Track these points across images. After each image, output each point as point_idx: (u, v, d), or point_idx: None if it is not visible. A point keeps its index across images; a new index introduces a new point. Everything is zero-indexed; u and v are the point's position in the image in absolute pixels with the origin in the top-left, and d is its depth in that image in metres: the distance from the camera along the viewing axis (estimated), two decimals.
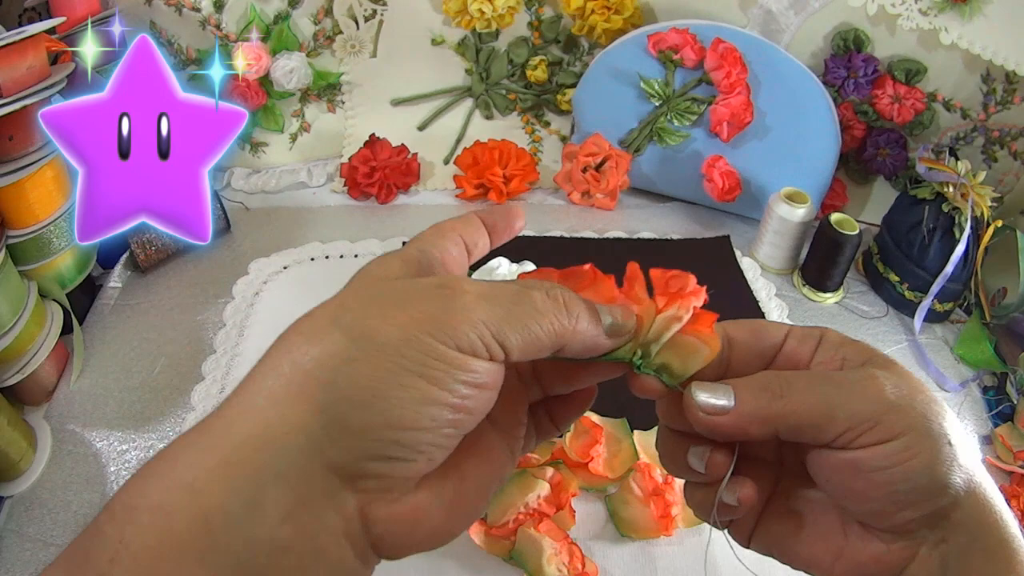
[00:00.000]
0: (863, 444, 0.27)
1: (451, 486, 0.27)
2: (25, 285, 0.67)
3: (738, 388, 0.29)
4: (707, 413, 0.29)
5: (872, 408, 0.27)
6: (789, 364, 0.31)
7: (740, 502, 0.30)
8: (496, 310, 0.25)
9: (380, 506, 0.24)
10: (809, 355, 0.31)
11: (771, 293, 0.85)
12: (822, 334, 0.31)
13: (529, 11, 0.99)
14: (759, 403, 0.28)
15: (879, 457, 0.27)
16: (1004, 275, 0.84)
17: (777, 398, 0.28)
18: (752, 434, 0.29)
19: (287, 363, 0.24)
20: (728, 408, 0.28)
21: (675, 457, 0.32)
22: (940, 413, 0.28)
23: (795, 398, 0.28)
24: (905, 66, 0.89)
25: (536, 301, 0.26)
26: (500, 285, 0.26)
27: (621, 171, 0.95)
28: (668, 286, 0.29)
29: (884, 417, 0.27)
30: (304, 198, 0.98)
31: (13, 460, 0.60)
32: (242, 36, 0.93)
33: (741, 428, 0.29)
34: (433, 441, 0.24)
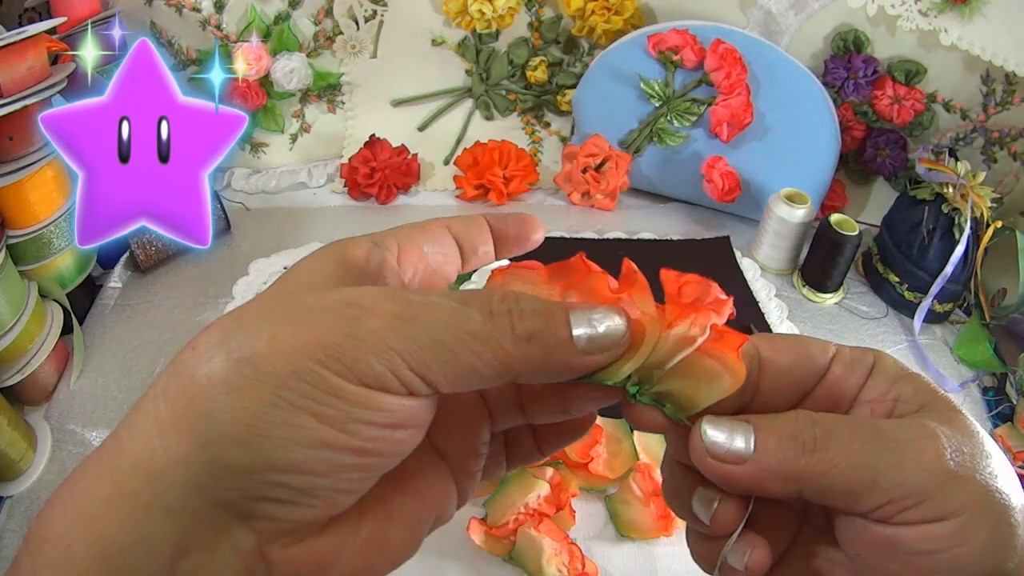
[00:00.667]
0: (907, 521, 0.22)
1: (370, 527, 0.23)
2: (25, 285, 0.67)
3: (761, 431, 0.23)
4: (717, 459, 0.23)
5: (924, 478, 0.22)
6: (831, 398, 0.25)
7: (749, 569, 0.24)
8: (417, 335, 0.20)
9: (277, 548, 0.21)
10: (857, 387, 0.25)
11: (771, 294, 0.85)
12: (875, 361, 0.26)
13: (529, 12, 0.99)
14: (785, 456, 0.23)
15: (925, 539, 0.22)
16: (1004, 276, 0.84)
17: (808, 452, 0.23)
18: (771, 491, 0.23)
19: (175, 384, 0.21)
20: (745, 456, 0.23)
21: (679, 495, 0.26)
22: (1005, 484, 0.22)
23: (831, 455, 0.22)
24: (905, 67, 0.89)
25: (472, 323, 0.21)
26: (432, 302, 0.21)
27: (621, 172, 0.95)
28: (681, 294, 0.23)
29: (937, 490, 0.22)
30: (304, 199, 0.98)
31: (13, 460, 0.60)
32: (242, 37, 0.93)
33: (758, 482, 0.23)
34: (333, 486, 0.21)
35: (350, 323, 0.20)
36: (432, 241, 0.26)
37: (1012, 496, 0.22)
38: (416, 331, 0.21)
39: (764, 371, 0.25)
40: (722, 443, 0.23)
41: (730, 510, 0.24)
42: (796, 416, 0.24)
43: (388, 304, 0.21)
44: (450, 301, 0.22)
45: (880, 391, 0.25)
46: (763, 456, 0.23)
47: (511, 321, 0.22)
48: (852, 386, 0.25)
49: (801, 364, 0.26)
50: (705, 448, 0.23)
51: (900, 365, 0.26)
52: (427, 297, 0.22)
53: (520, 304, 0.22)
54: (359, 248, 0.24)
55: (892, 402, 0.25)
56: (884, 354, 0.26)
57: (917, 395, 0.25)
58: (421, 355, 0.21)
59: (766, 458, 0.23)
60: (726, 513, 0.24)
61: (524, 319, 0.22)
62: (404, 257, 0.25)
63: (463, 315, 0.21)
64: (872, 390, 0.25)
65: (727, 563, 0.25)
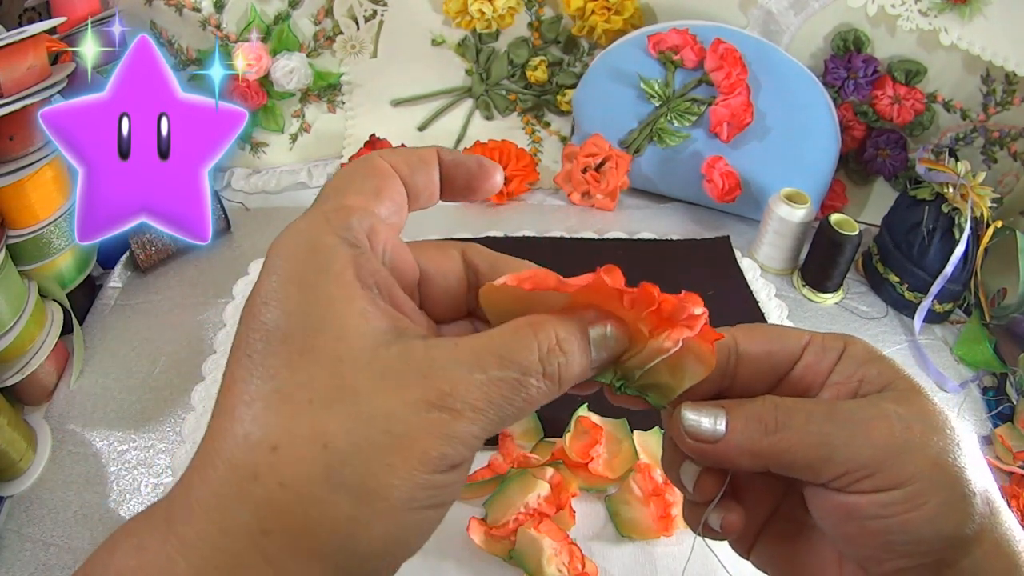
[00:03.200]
0: (860, 490, 0.25)
1: None
2: (25, 285, 0.67)
3: (732, 414, 0.26)
4: (694, 439, 0.26)
5: (874, 453, 0.25)
6: (803, 382, 0.28)
7: (723, 529, 0.28)
8: (491, 418, 0.22)
9: None
10: (827, 371, 0.28)
11: (771, 294, 0.85)
12: (845, 346, 0.28)
13: (529, 12, 0.99)
14: (751, 436, 0.26)
15: (875, 506, 0.25)
16: (1004, 276, 0.84)
17: (771, 432, 0.26)
18: (742, 466, 0.27)
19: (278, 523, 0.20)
20: (717, 436, 0.26)
21: (672, 467, 0.30)
22: (959, 457, 0.25)
23: (790, 435, 0.25)
24: (905, 67, 0.89)
25: (531, 392, 0.22)
26: (496, 382, 0.22)
27: (621, 172, 0.95)
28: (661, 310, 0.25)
29: (886, 464, 0.24)
30: (304, 198, 0.98)
31: (13, 460, 0.60)
32: (242, 36, 0.93)
33: (729, 459, 0.27)
34: None
35: (444, 435, 0.21)
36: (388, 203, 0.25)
37: (966, 468, 0.25)
38: (492, 413, 0.22)
39: (741, 360, 0.28)
40: (698, 425, 0.26)
41: (710, 481, 0.28)
42: (763, 401, 0.27)
43: (468, 393, 0.21)
44: (512, 371, 0.22)
45: (846, 374, 0.28)
46: (732, 436, 0.26)
47: (559, 377, 0.23)
48: (823, 370, 0.28)
49: (775, 352, 0.29)
50: (683, 430, 0.27)
51: (869, 349, 0.28)
52: (487, 373, 0.22)
53: (568, 357, 0.23)
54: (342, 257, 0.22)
55: (857, 383, 0.27)
56: (856, 340, 0.28)
57: (880, 376, 0.27)
58: (494, 430, 0.22)
59: (735, 438, 0.26)
60: (706, 483, 0.28)
61: (566, 373, 0.23)
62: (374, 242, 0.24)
63: (525, 387, 0.22)
64: (840, 373, 0.28)
65: (708, 525, 0.29)
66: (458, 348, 0.22)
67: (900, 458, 0.25)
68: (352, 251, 0.22)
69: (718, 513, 0.28)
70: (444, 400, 0.21)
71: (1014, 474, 0.67)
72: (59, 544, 0.57)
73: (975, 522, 0.24)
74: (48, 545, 0.57)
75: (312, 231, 0.23)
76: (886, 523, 0.25)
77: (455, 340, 0.22)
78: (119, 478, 0.62)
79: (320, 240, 0.22)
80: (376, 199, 0.25)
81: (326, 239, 0.22)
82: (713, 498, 0.28)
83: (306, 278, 0.22)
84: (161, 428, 0.66)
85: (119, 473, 0.63)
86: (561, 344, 0.23)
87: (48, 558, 0.57)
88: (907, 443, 0.25)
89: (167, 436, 0.65)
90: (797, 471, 0.26)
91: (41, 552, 0.57)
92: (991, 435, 0.72)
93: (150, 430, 0.66)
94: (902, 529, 0.25)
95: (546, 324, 0.23)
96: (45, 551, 0.57)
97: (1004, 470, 0.68)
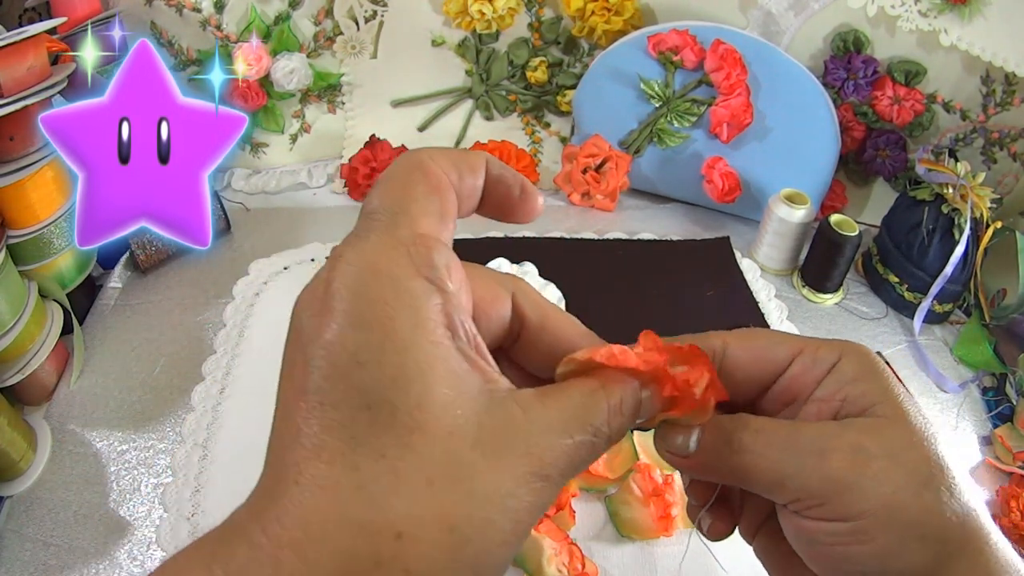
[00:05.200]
0: (811, 517, 0.25)
1: None
2: (25, 285, 0.67)
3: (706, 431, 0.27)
4: (668, 451, 0.27)
5: (823, 486, 0.25)
6: (789, 392, 0.28)
7: (708, 534, 0.29)
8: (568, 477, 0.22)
9: None
10: (813, 384, 0.28)
11: (771, 294, 0.85)
12: (839, 358, 0.27)
13: (529, 12, 0.99)
14: (718, 454, 0.26)
15: (827, 533, 0.25)
16: (1003, 276, 0.84)
17: (736, 453, 0.26)
18: (714, 479, 0.28)
19: None
20: (689, 452, 0.27)
21: None
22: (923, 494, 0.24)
23: (749, 458, 0.26)
24: (905, 67, 0.89)
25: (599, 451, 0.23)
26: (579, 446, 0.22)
27: (621, 172, 0.95)
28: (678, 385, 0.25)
29: (834, 496, 0.25)
30: (304, 199, 0.98)
31: (13, 460, 0.60)
32: (242, 37, 0.93)
33: (701, 473, 0.27)
34: None
35: (544, 503, 0.21)
36: (451, 225, 0.24)
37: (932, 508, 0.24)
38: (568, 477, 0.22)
39: (724, 367, 0.28)
40: (672, 441, 0.27)
41: (700, 485, 0.30)
42: (734, 420, 0.27)
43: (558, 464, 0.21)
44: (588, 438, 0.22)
45: (831, 391, 0.27)
46: (701, 453, 0.27)
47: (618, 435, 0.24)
48: (808, 384, 0.28)
49: (761, 359, 0.28)
50: (662, 444, 0.27)
51: (862, 365, 0.27)
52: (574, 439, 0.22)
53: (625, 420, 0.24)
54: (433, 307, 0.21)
55: (839, 403, 0.27)
56: (852, 354, 0.28)
57: (864, 397, 0.26)
58: None
59: (701, 455, 0.27)
60: (697, 487, 0.30)
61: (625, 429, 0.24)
62: (452, 282, 0.22)
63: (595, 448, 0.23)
64: (824, 389, 0.27)
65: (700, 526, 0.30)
66: (547, 411, 0.22)
67: (850, 493, 0.24)
68: (441, 298, 0.21)
69: (707, 518, 0.30)
70: (544, 469, 0.21)
71: (1014, 474, 0.67)
72: (59, 544, 0.57)
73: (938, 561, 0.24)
74: (48, 545, 0.57)
75: (396, 271, 0.21)
76: (834, 551, 0.25)
77: (543, 400, 0.22)
78: (119, 478, 0.62)
79: (409, 286, 0.21)
80: (442, 224, 0.23)
81: (414, 284, 0.21)
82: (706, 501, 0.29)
83: (402, 335, 0.20)
84: (161, 428, 0.66)
85: (119, 473, 0.63)
86: (623, 406, 0.24)
87: (48, 558, 0.57)
88: (859, 479, 0.24)
89: (167, 436, 0.66)
90: (758, 491, 0.27)
91: (41, 552, 0.57)
92: (991, 435, 0.72)
93: (150, 430, 0.66)
94: (849, 560, 0.25)
95: (615, 389, 0.23)
96: (45, 551, 0.57)
97: (1004, 470, 0.68)
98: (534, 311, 0.26)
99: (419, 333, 0.20)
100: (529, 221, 0.27)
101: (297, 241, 0.88)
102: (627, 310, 0.79)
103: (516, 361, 0.27)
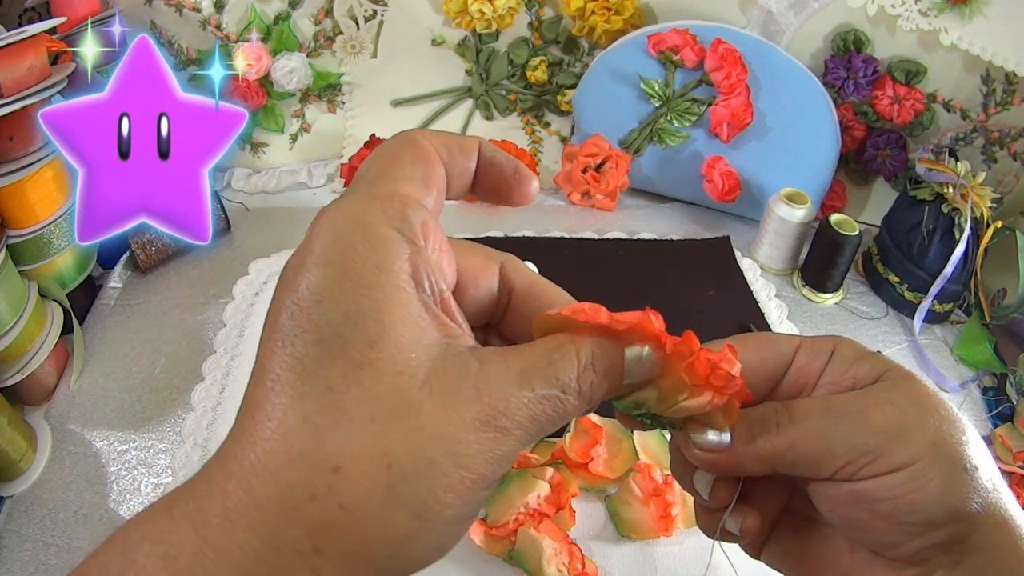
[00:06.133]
0: (865, 476, 0.25)
1: None
2: (25, 285, 0.67)
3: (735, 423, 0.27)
4: (703, 450, 0.27)
5: (872, 439, 0.25)
6: (796, 385, 0.29)
7: (742, 532, 0.29)
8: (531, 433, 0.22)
9: None
10: (818, 372, 0.29)
11: (771, 294, 0.85)
12: (834, 347, 0.29)
13: (529, 12, 0.99)
14: (754, 440, 0.27)
15: (883, 488, 0.25)
16: (1004, 276, 0.84)
17: (773, 434, 0.26)
18: (750, 471, 0.27)
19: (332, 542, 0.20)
20: (723, 445, 0.27)
21: (683, 474, 0.30)
22: (956, 435, 0.26)
23: (790, 434, 0.26)
24: (905, 67, 0.89)
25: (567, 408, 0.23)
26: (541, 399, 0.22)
27: (621, 172, 0.95)
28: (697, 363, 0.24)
29: (886, 447, 0.25)
30: (304, 199, 0.98)
31: (13, 460, 0.60)
32: (242, 36, 0.93)
33: (737, 465, 0.27)
34: None
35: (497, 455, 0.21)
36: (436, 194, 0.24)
37: (964, 445, 0.26)
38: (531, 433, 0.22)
39: None
40: (704, 437, 0.27)
41: (724, 487, 0.29)
42: (764, 407, 0.28)
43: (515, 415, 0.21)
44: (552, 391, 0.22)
45: (838, 373, 0.28)
46: (737, 443, 0.27)
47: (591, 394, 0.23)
48: (814, 371, 0.29)
49: (767, 359, 0.29)
50: (692, 443, 0.27)
51: (858, 348, 0.29)
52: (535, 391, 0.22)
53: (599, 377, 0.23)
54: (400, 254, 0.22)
55: (851, 380, 0.28)
56: (844, 340, 0.29)
57: (872, 370, 0.28)
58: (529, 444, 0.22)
59: (740, 444, 0.27)
60: (721, 490, 0.29)
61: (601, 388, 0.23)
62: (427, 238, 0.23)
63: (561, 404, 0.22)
64: (831, 373, 0.29)
65: (726, 529, 0.29)
66: (507, 364, 0.22)
67: (899, 440, 0.25)
68: (410, 248, 0.22)
69: (735, 518, 0.29)
70: (497, 419, 0.21)
71: (1014, 474, 0.67)
72: (59, 544, 0.57)
73: (980, 496, 0.25)
74: (48, 545, 0.57)
75: (368, 219, 0.22)
76: (895, 504, 0.25)
77: (503, 355, 0.22)
78: (119, 478, 0.62)
79: (378, 232, 0.21)
80: (425, 189, 0.24)
81: (384, 232, 0.21)
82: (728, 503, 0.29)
83: (364, 276, 0.21)
84: (161, 428, 0.66)
85: (119, 473, 0.63)
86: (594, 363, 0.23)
87: (48, 558, 0.57)
88: (903, 426, 0.25)
89: (167, 436, 0.65)
90: (802, 468, 0.27)
91: (41, 552, 0.57)
92: (991, 435, 0.72)
93: (150, 430, 0.66)
94: (911, 509, 0.25)
95: (586, 342, 0.23)
96: (45, 551, 0.57)
97: (1004, 470, 0.68)
98: (522, 279, 0.26)
99: (382, 276, 0.21)
100: (523, 204, 0.27)
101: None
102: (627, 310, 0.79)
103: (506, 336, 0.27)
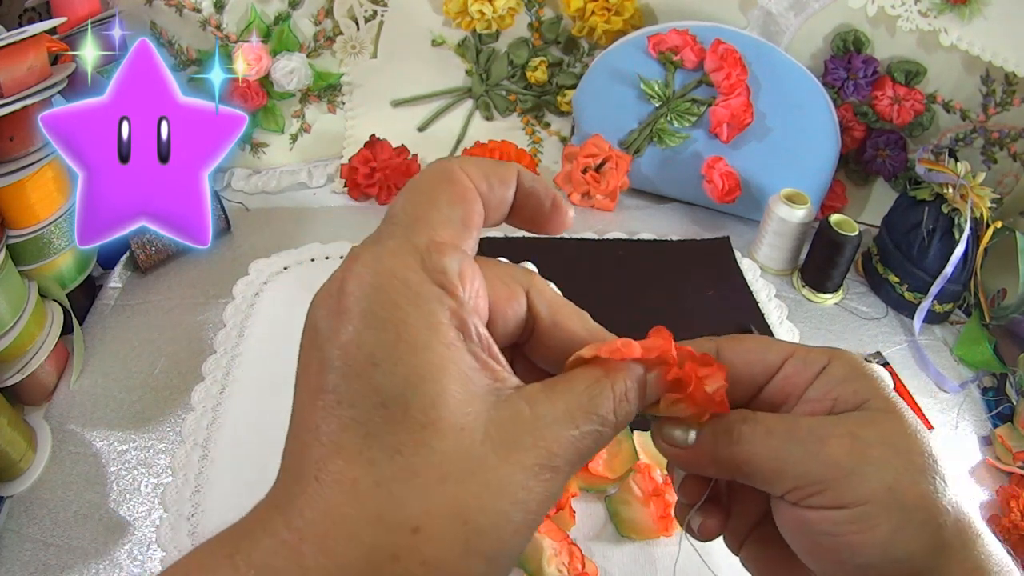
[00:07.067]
0: (811, 505, 0.25)
1: None
2: (25, 285, 0.67)
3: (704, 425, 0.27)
4: (668, 444, 0.27)
5: (823, 471, 0.25)
6: (781, 394, 0.29)
7: (700, 531, 0.30)
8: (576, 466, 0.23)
9: None
10: (804, 385, 0.28)
11: (771, 294, 0.85)
12: (828, 361, 0.28)
13: (529, 12, 0.99)
14: (717, 445, 0.27)
15: (826, 523, 0.25)
16: (1003, 276, 0.84)
17: (735, 444, 0.27)
18: (710, 473, 0.28)
19: None
20: (688, 444, 0.27)
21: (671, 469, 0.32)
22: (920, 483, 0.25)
23: (749, 448, 0.26)
24: (905, 67, 0.89)
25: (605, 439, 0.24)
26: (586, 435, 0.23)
27: (621, 172, 0.95)
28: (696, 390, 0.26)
29: (836, 482, 0.25)
30: (304, 199, 0.98)
31: (13, 460, 0.60)
32: (242, 37, 0.93)
33: (698, 466, 0.28)
34: None
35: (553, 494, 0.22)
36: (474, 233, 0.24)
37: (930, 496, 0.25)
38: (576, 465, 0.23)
39: None
40: (672, 432, 0.27)
41: (694, 484, 0.30)
42: (734, 415, 0.27)
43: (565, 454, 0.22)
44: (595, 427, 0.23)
45: (823, 391, 0.28)
46: (699, 445, 0.27)
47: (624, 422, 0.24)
48: (800, 384, 0.28)
49: (753, 363, 0.29)
50: (661, 435, 0.28)
51: (852, 367, 0.28)
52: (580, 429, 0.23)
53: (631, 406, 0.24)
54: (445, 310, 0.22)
55: (832, 401, 0.27)
56: (841, 356, 0.28)
57: (856, 395, 0.27)
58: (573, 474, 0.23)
59: (702, 446, 0.27)
60: (689, 486, 0.30)
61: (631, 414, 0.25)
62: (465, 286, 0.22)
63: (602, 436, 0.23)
64: (816, 389, 0.28)
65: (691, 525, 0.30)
66: (553, 404, 0.22)
67: (853, 478, 0.25)
68: (452, 303, 0.22)
69: (697, 516, 0.30)
70: (552, 460, 0.22)
71: (1014, 474, 0.67)
72: (59, 544, 0.57)
73: (935, 550, 0.24)
74: (48, 545, 0.57)
75: (409, 277, 0.21)
76: (836, 541, 0.25)
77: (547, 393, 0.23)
78: (119, 478, 0.62)
79: (420, 290, 0.21)
80: (464, 231, 0.24)
81: (426, 289, 0.21)
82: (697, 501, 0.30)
83: (417, 338, 0.21)
84: (161, 428, 0.66)
85: (119, 473, 0.63)
86: (628, 394, 0.24)
87: (48, 558, 0.57)
88: (860, 464, 0.25)
89: (167, 436, 0.66)
90: (756, 482, 0.27)
91: (41, 552, 0.57)
92: (991, 435, 0.72)
93: (150, 430, 0.66)
94: (851, 551, 0.25)
95: (620, 376, 0.24)
96: (45, 551, 0.57)
97: (1004, 470, 0.68)
98: (546, 309, 0.26)
99: (432, 336, 0.21)
100: (557, 233, 0.28)
101: (297, 241, 0.88)
102: (627, 310, 0.79)
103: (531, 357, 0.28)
